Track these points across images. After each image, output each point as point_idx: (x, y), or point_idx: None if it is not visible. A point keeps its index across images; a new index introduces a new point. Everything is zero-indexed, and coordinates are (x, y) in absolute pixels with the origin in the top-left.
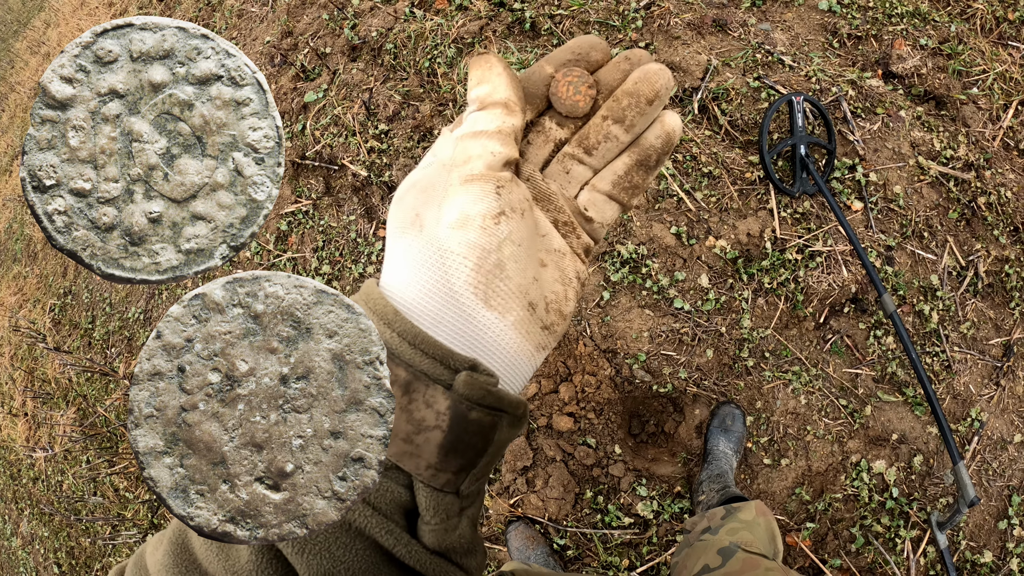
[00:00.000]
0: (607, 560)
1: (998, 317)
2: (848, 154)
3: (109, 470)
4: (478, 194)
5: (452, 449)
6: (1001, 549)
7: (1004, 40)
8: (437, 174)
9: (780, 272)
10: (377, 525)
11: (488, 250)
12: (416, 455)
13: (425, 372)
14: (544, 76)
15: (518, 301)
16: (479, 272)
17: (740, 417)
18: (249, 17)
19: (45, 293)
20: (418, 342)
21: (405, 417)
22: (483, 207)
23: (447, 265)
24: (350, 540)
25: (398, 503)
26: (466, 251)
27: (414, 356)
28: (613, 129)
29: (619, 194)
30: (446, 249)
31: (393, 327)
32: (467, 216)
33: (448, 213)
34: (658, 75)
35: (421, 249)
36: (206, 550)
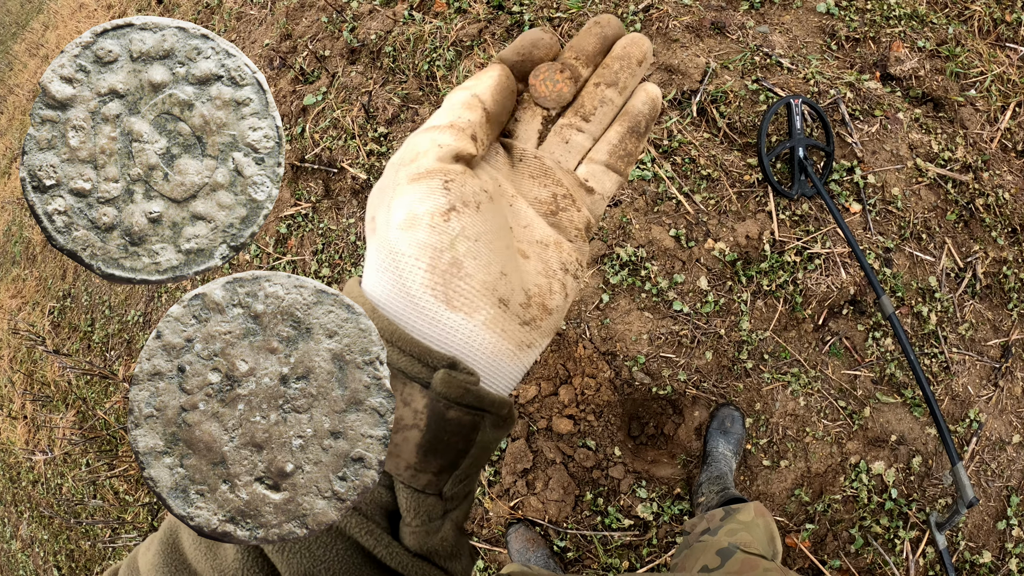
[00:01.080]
0: (607, 562)
1: (996, 318)
2: (846, 156)
3: (109, 473)
4: (424, 191)
5: (431, 449)
6: (1000, 549)
7: (1002, 42)
8: (388, 174)
9: (779, 274)
10: (357, 525)
11: (440, 249)
12: (395, 455)
13: (402, 369)
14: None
15: (485, 299)
16: (434, 273)
17: (739, 419)
18: (248, 20)
19: (44, 296)
20: (395, 339)
21: None
22: (430, 204)
23: (400, 268)
24: (331, 540)
25: (379, 504)
26: (417, 252)
27: (391, 353)
28: (608, 93)
29: (616, 163)
30: (397, 251)
31: None
32: (415, 215)
33: (396, 213)
34: (642, 39)
35: (376, 252)
36: (195, 550)
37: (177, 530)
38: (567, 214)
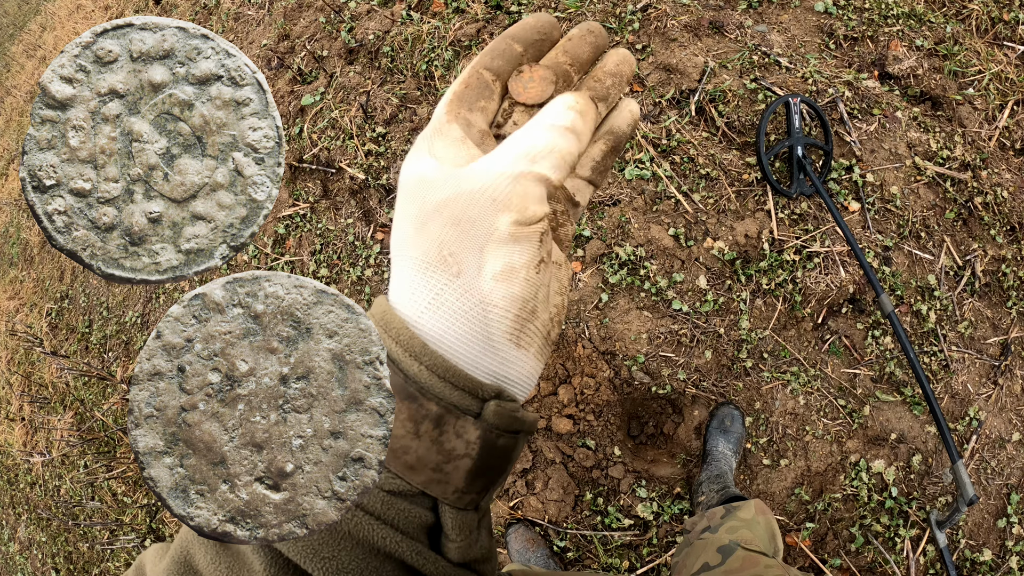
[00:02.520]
0: (607, 562)
1: (995, 316)
2: (845, 155)
3: (107, 475)
4: (525, 247)
5: (479, 474)
6: (1000, 547)
7: (999, 41)
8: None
9: (778, 273)
10: (408, 549)
11: (528, 299)
12: (444, 482)
13: (455, 404)
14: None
15: (541, 334)
16: (517, 321)
17: (739, 418)
18: (246, 20)
19: (42, 297)
20: (448, 376)
21: (436, 448)
22: (528, 257)
23: (488, 318)
24: (380, 563)
25: (422, 524)
26: (508, 304)
27: (444, 390)
28: (599, 108)
29: (595, 177)
30: (489, 303)
31: (421, 360)
32: (513, 268)
33: (492, 263)
34: (631, 57)
35: (459, 298)
36: (214, 570)
37: (190, 549)
38: (564, 229)
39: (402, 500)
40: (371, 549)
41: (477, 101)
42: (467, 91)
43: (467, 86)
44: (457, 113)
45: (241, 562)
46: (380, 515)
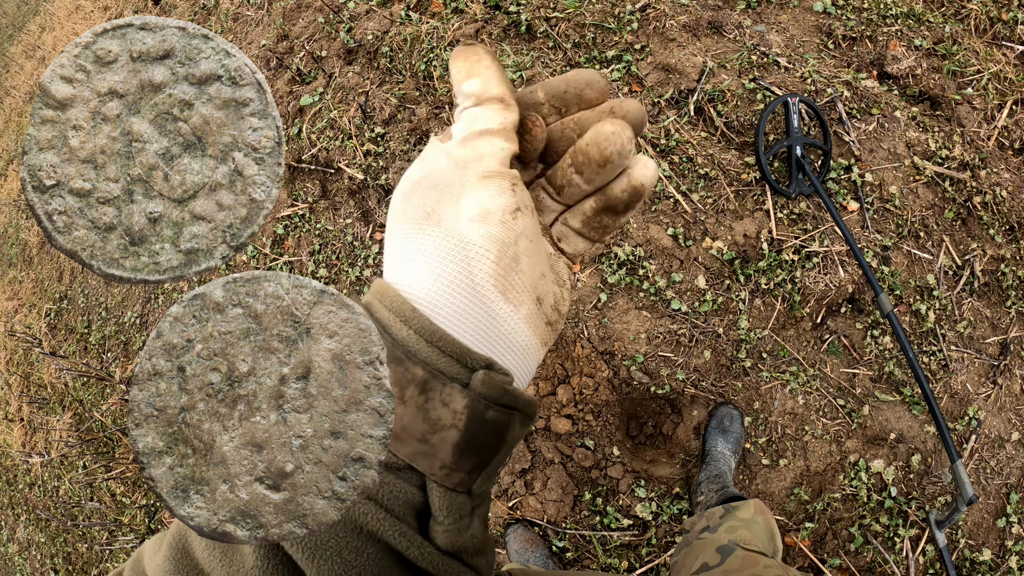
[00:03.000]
0: (606, 562)
1: (994, 316)
2: (844, 155)
3: (106, 475)
4: (496, 190)
5: (467, 448)
6: (1000, 547)
7: (998, 40)
8: (450, 172)
9: (777, 273)
10: (390, 528)
11: (507, 243)
12: (431, 455)
13: (442, 371)
14: (534, 102)
15: (529, 295)
16: (499, 264)
17: (738, 418)
18: (245, 21)
19: (41, 298)
20: (436, 339)
21: (421, 416)
22: (502, 202)
23: (469, 257)
24: (361, 544)
25: (410, 504)
26: (487, 243)
27: (431, 354)
28: (575, 178)
29: (589, 232)
30: (468, 241)
31: (411, 324)
32: (488, 210)
33: (468, 208)
34: (609, 139)
35: (441, 242)
36: (208, 555)
37: (186, 534)
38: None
39: (387, 472)
40: (353, 526)
41: None
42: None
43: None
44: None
45: (234, 547)
46: None
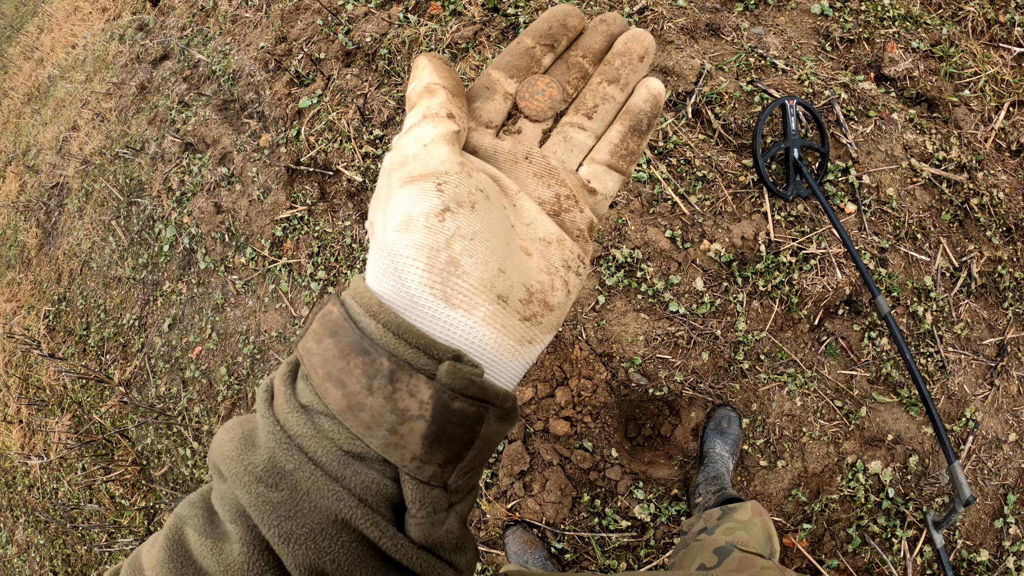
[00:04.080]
0: (605, 563)
1: (991, 317)
2: (841, 157)
3: (105, 477)
4: (418, 193)
5: (436, 440)
6: (997, 547)
7: (995, 42)
8: (382, 181)
9: (774, 275)
10: (363, 517)
11: (436, 248)
12: (401, 446)
13: (408, 361)
14: (524, 48)
15: (484, 296)
16: (431, 272)
17: (736, 419)
18: (243, 22)
19: (39, 300)
20: (401, 331)
21: (390, 407)
22: (425, 206)
23: (399, 269)
24: (336, 531)
25: (384, 496)
26: (414, 252)
27: (397, 346)
28: (610, 90)
29: (618, 162)
30: (395, 253)
31: (378, 318)
32: (410, 217)
33: (392, 216)
34: (644, 35)
35: (376, 255)
36: (200, 546)
37: (182, 527)
38: (570, 215)
39: (360, 463)
40: (328, 515)
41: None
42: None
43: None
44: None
45: (224, 536)
46: (337, 476)
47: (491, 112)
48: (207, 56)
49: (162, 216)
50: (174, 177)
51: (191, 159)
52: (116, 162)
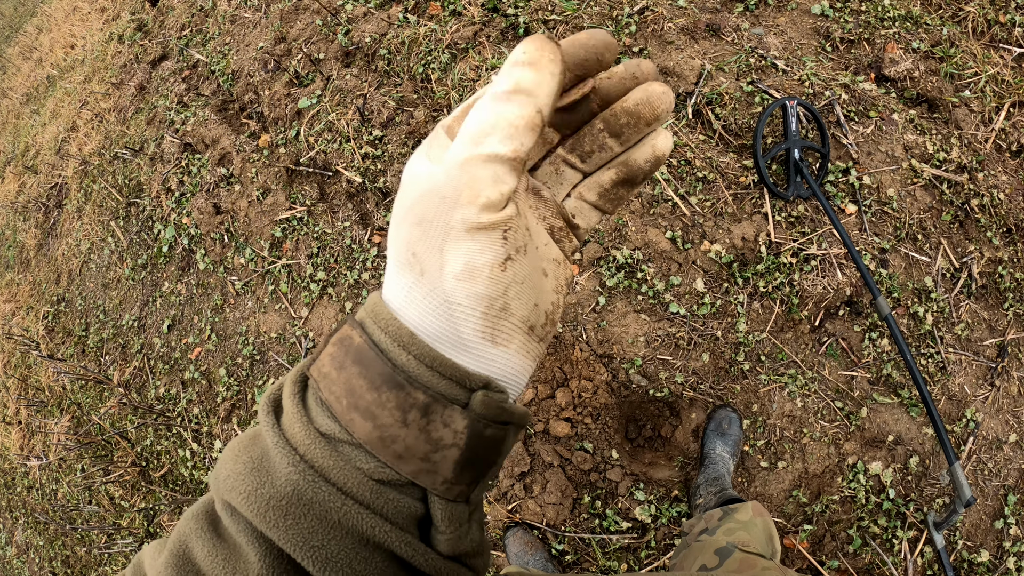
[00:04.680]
0: (605, 564)
1: (992, 318)
2: (842, 157)
3: (104, 478)
4: (486, 243)
5: (468, 464)
6: (998, 548)
7: (996, 43)
8: (435, 208)
9: (775, 276)
10: (397, 539)
11: (495, 298)
12: (433, 472)
13: (443, 394)
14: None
15: (520, 330)
16: (486, 320)
17: (736, 420)
18: (242, 23)
19: (38, 300)
20: (435, 364)
21: (424, 438)
22: (490, 256)
23: (455, 317)
24: (369, 553)
25: (413, 515)
26: (474, 303)
27: (431, 379)
28: (609, 141)
29: (603, 204)
30: (453, 302)
31: (409, 350)
32: (474, 268)
33: (452, 262)
34: (661, 99)
35: (425, 297)
36: (212, 561)
37: (187, 542)
38: (562, 245)
39: (392, 490)
40: (360, 538)
41: None
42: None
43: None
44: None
45: (237, 554)
46: (370, 504)
47: None
48: (206, 56)
49: (161, 217)
50: (173, 178)
51: (190, 160)
52: (115, 163)
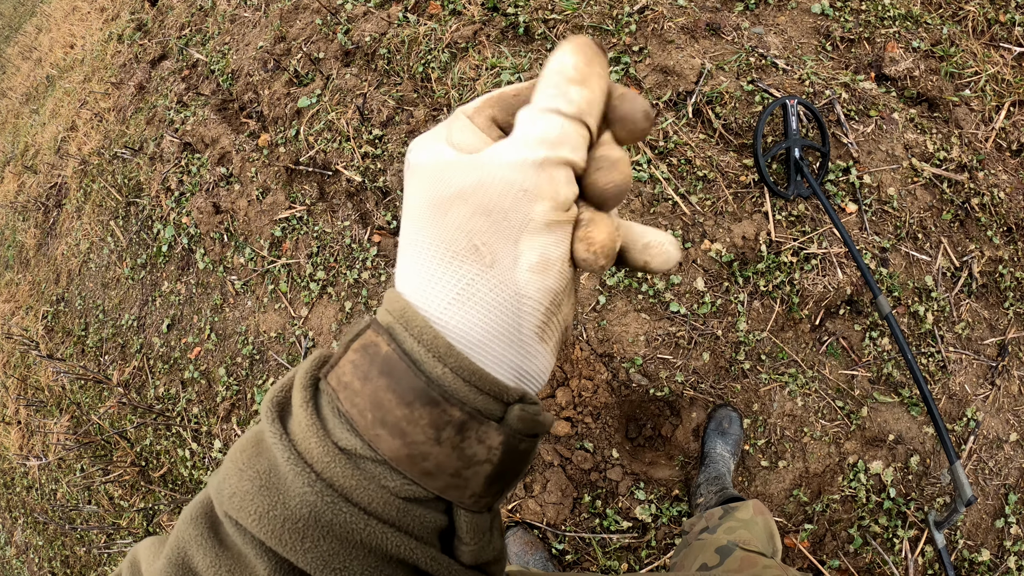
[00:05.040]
0: (606, 564)
1: (992, 317)
2: (842, 156)
3: (103, 478)
4: (562, 236)
5: (498, 478)
6: (999, 547)
7: (996, 42)
8: (512, 199)
9: (775, 275)
10: (423, 555)
11: (559, 293)
12: (462, 487)
13: (479, 410)
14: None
15: (560, 328)
16: (546, 315)
17: (737, 420)
18: (242, 22)
19: (38, 300)
20: (475, 380)
21: (456, 455)
22: (563, 250)
23: (522, 311)
24: (393, 569)
25: (436, 528)
26: (542, 296)
27: (469, 394)
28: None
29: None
30: (524, 295)
31: (447, 363)
32: (549, 260)
33: (528, 254)
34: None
35: (493, 290)
36: (214, 572)
37: (187, 550)
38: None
39: (417, 507)
40: (384, 556)
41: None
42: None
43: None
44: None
45: (243, 564)
46: (395, 523)
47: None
48: (206, 56)
49: (161, 216)
50: (173, 177)
51: (190, 159)
52: (114, 162)
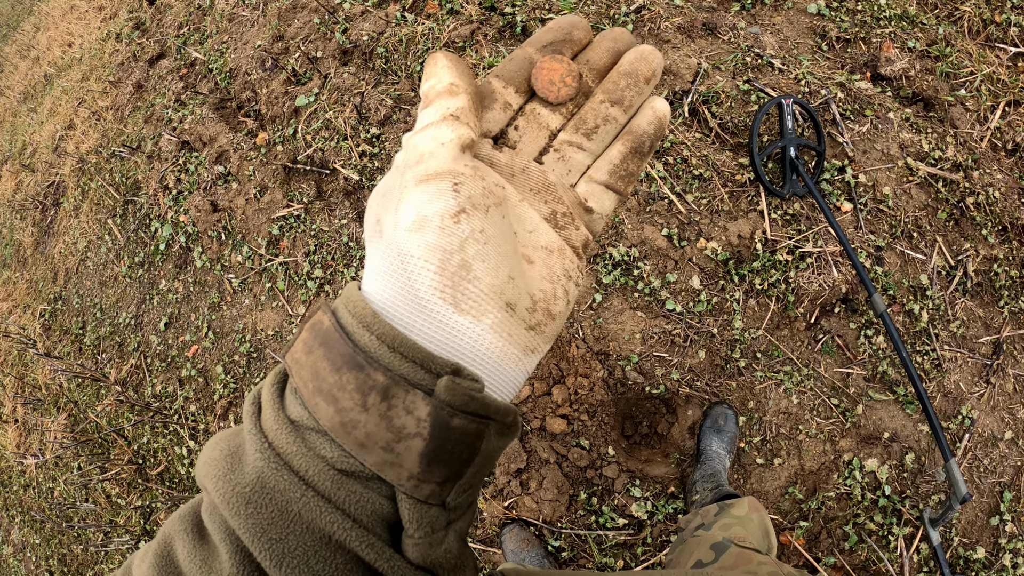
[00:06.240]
0: (602, 561)
1: (987, 315)
2: (837, 156)
3: (101, 476)
4: (434, 193)
5: (435, 458)
6: (993, 545)
7: (991, 42)
8: (393, 177)
9: (771, 273)
10: (357, 538)
11: (450, 251)
12: (397, 464)
13: (404, 377)
14: (526, 58)
15: (493, 302)
16: (443, 275)
17: (732, 417)
18: (240, 21)
19: (35, 298)
20: (397, 345)
21: (385, 424)
22: (440, 206)
23: (408, 270)
24: (330, 553)
25: (380, 515)
26: (426, 254)
27: (393, 360)
28: (612, 111)
29: (616, 183)
30: (406, 253)
31: (372, 329)
32: (424, 217)
33: (404, 215)
34: (653, 54)
35: (383, 255)
36: (191, 563)
37: (171, 541)
38: (566, 232)
39: (355, 482)
40: (320, 535)
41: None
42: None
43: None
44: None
45: (214, 553)
46: (330, 496)
47: (490, 122)
48: (204, 54)
49: (158, 215)
50: (170, 175)
51: (187, 157)
52: (112, 161)
